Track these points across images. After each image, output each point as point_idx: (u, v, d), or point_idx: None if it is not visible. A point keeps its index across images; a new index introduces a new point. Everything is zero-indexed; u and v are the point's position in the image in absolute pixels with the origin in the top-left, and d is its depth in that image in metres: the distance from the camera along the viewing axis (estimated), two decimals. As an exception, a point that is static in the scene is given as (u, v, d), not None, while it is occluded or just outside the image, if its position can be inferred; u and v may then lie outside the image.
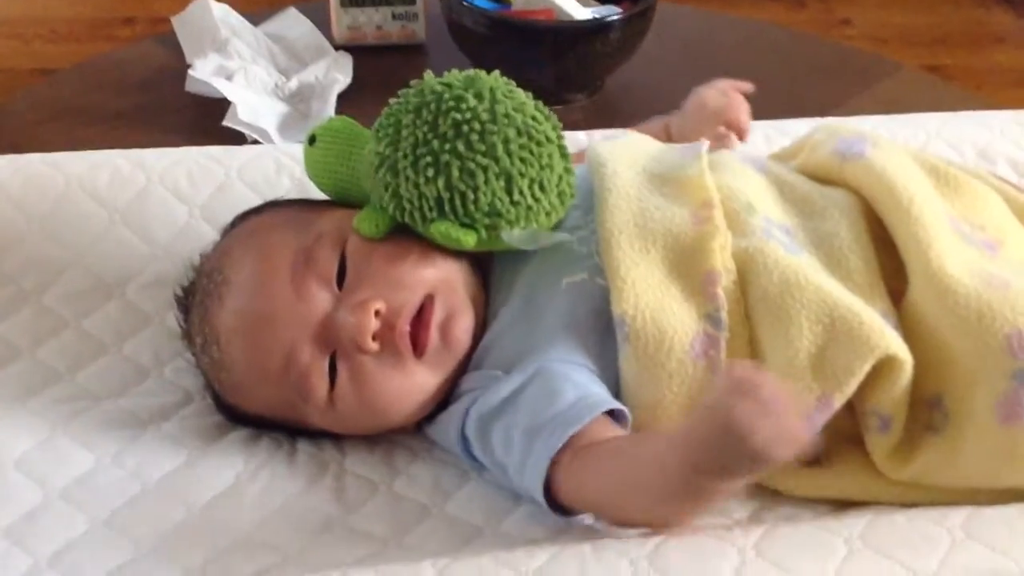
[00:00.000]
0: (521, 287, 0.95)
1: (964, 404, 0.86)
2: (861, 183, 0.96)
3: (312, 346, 0.92)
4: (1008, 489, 0.86)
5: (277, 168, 1.16)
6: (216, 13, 1.53)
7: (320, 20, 1.56)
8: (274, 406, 0.95)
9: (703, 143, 1.01)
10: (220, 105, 1.39)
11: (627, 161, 0.99)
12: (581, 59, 1.42)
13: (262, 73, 1.46)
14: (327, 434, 0.97)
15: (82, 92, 1.48)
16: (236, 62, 1.46)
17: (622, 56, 1.45)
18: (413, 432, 0.98)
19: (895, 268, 0.91)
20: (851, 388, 0.86)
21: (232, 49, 1.48)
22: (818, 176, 1.00)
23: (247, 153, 1.19)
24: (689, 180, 0.97)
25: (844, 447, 0.90)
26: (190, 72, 1.44)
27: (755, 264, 0.90)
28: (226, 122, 1.37)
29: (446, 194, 0.91)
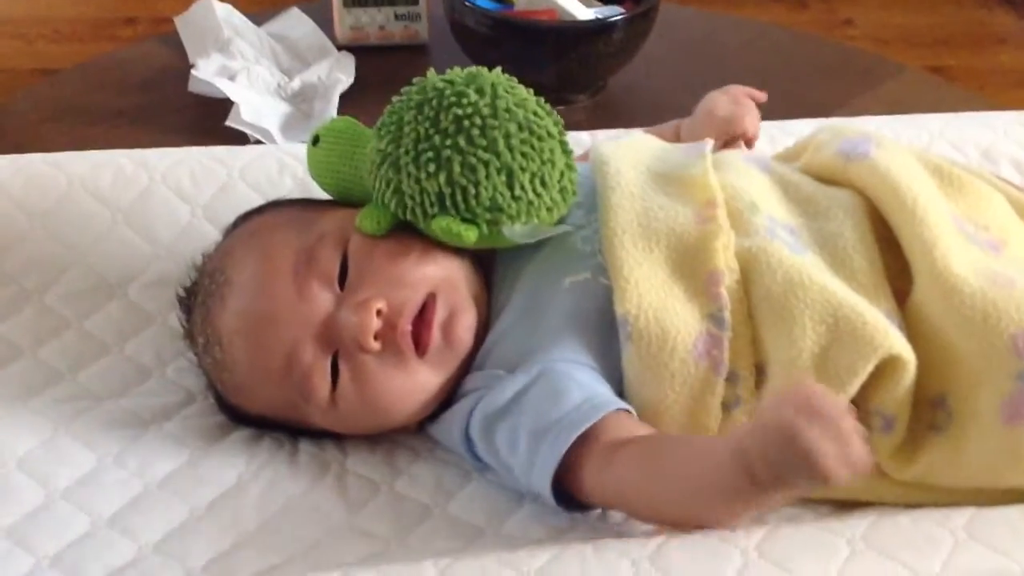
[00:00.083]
0: (524, 286, 0.95)
1: (968, 404, 0.86)
2: (866, 183, 0.96)
3: (314, 346, 0.92)
4: (1011, 489, 0.86)
5: (279, 168, 1.16)
6: (219, 13, 1.53)
7: (323, 20, 1.56)
8: (276, 406, 0.95)
9: (707, 142, 1.01)
10: (223, 105, 1.39)
11: (631, 160, 0.99)
12: (583, 59, 1.42)
13: (265, 73, 1.46)
14: (329, 434, 0.97)
15: (84, 92, 1.48)
16: (239, 62, 1.46)
17: (625, 56, 1.45)
18: (415, 432, 0.98)
19: (899, 268, 0.91)
20: (854, 388, 0.85)
21: (235, 49, 1.48)
22: (822, 176, 1.00)
23: (250, 153, 1.19)
24: (693, 179, 0.96)
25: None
26: (193, 72, 1.44)
27: (758, 264, 0.90)
28: (229, 122, 1.37)
29: (447, 189, 0.91)
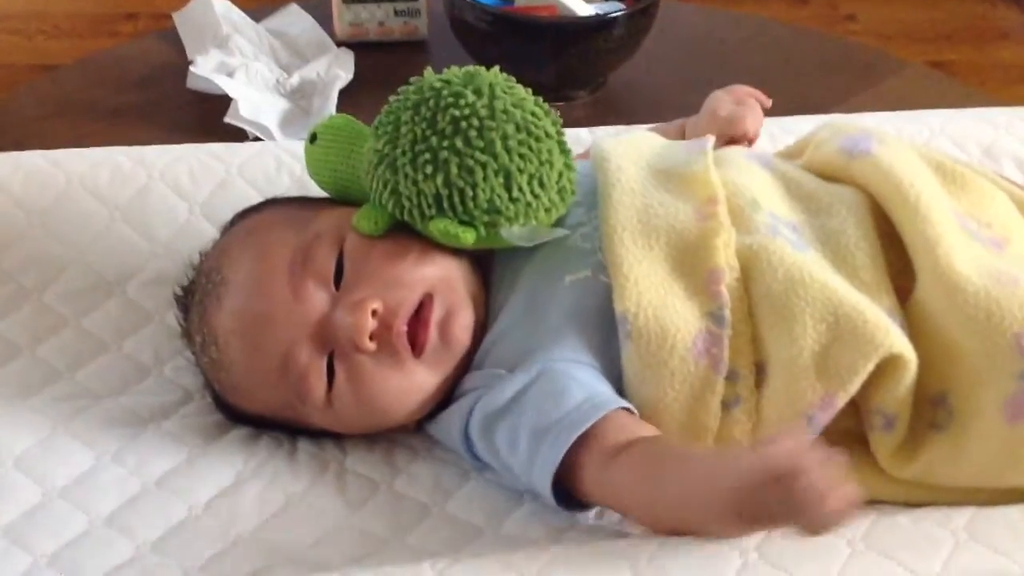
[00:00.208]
0: (523, 285, 0.95)
1: (970, 402, 0.86)
2: (868, 180, 0.95)
3: (310, 346, 0.91)
4: (1011, 489, 0.86)
5: (278, 165, 1.16)
6: (218, 9, 1.53)
7: (322, 16, 1.56)
8: (273, 406, 0.95)
9: (708, 139, 1.01)
10: (221, 101, 1.38)
11: (631, 157, 0.99)
12: (583, 56, 1.42)
13: (263, 69, 1.46)
14: (327, 433, 0.97)
15: (83, 88, 1.48)
16: (237, 58, 1.46)
17: (625, 53, 1.44)
18: (414, 431, 0.98)
19: (902, 266, 0.91)
20: (855, 387, 0.85)
21: (233, 45, 1.48)
22: (824, 173, 0.99)
23: (248, 150, 1.19)
24: (694, 176, 0.96)
25: (847, 446, 0.89)
26: (191, 68, 1.44)
27: (759, 261, 0.89)
28: (227, 119, 1.36)
29: (444, 191, 0.91)
